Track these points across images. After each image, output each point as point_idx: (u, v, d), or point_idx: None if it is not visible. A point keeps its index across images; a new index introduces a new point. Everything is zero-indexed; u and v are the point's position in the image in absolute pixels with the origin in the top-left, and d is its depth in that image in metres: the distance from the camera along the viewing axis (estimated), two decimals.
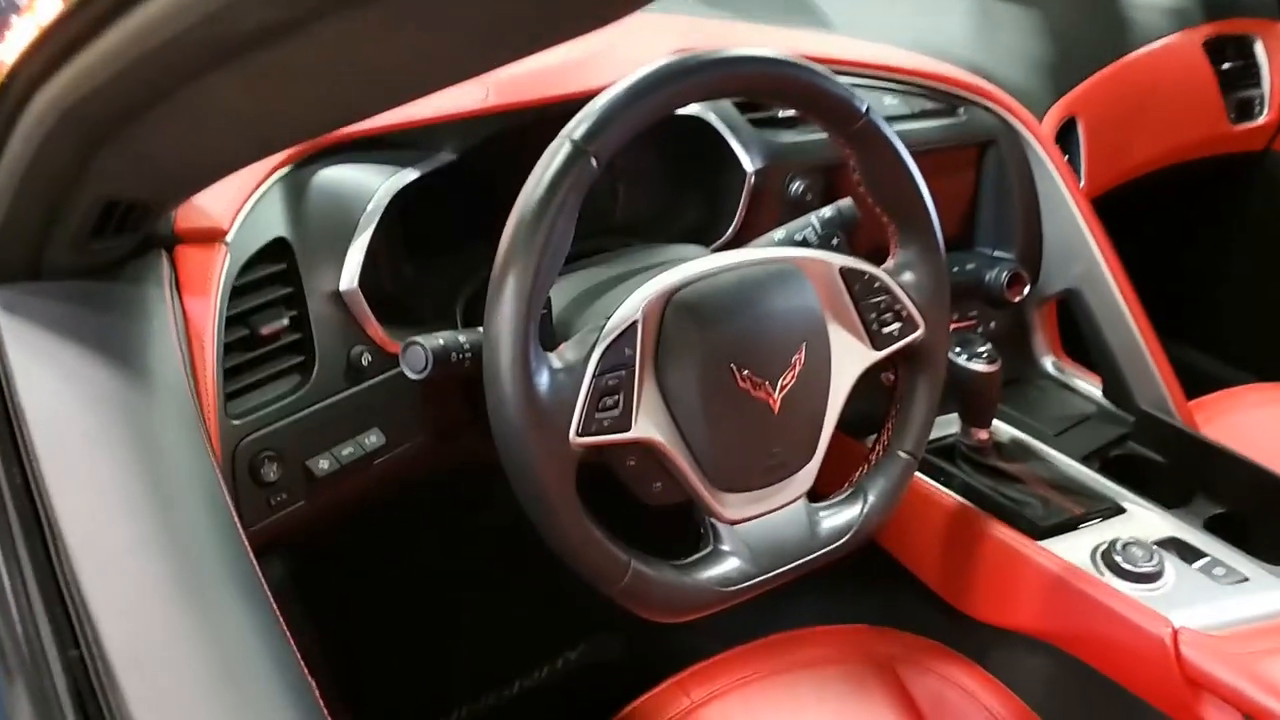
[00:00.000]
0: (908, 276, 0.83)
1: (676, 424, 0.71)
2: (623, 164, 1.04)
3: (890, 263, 0.84)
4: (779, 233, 0.91)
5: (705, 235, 1.02)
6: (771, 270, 0.76)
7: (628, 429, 0.69)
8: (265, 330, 0.76)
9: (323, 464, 0.78)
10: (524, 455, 0.65)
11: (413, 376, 0.72)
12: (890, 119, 1.04)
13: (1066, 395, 1.21)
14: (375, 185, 0.81)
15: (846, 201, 0.92)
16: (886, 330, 0.81)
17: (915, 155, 0.79)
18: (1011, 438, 1.13)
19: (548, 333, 0.72)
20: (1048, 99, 1.28)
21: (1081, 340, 1.22)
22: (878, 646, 0.97)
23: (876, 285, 0.81)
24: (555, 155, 0.65)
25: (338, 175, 0.81)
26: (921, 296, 0.82)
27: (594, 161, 0.66)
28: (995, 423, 1.10)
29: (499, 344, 0.64)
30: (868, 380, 0.82)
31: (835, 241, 0.86)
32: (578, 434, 0.67)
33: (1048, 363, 1.24)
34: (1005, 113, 1.16)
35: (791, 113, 1.06)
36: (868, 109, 0.77)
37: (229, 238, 0.75)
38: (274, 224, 0.78)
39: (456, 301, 0.90)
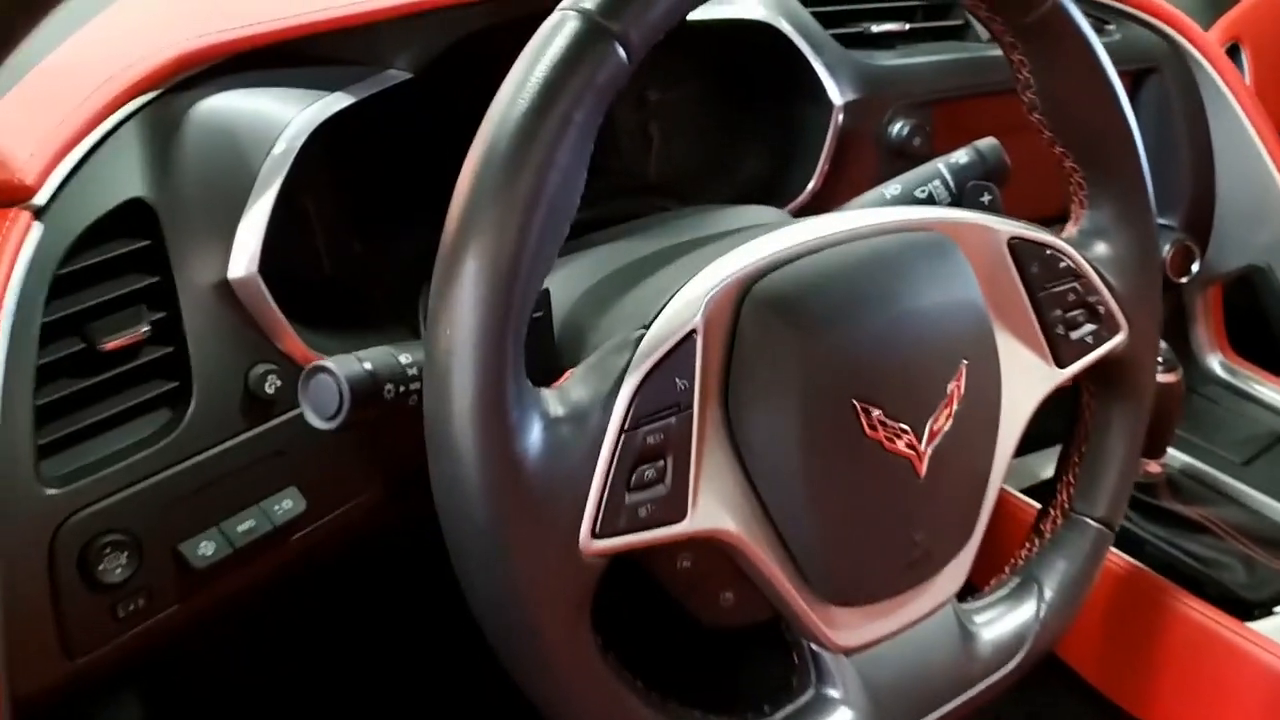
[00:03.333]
0: (1102, 250, 0.54)
1: (761, 503, 0.43)
2: (658, 96, 0.76)
3: (1073, 229, 0.55)
4: (892, 186, 0.62)
5: (772, 195, 0.74)
6: (911, 243, 0.47)
7: (681, 517, 0.41)
8: (110, 344, 0.49)
9: (205, 548, 0.51)
10: (498, 577, 0.37)
11: (319, 424, 0.44)
12: None
13: (1246, 408, 0.91)
14: (285, 117, 0.54)
15: (989, 142, 0.63)
16: (1076, 335, 0.53)
17: None
18: (1185, 468, 0.84)
19: (545, 352, 0.44)
20: (1203, 19, 0.98)
21: (1251, 333, 0.93)
22: None
23: (1063, 266, 0.52)
24: (554, 38, 0.37)
25: (230, 105, 0.54)
26: (1124, 281, 0.54)
27: (622, 51, 0.37)
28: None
29: (450, 377, 0.36)
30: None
31: (986, 199, 0.57)
32: (595, 533, 0.38)
33: (1214, 363, 0.95)
34: (1172, 30, 0.86)
35: (891, 26, 0.77)
36: None
37: (41, 198, 0.48)
38: (126, 179, 0.51)
39: (421, 293, 0.61)
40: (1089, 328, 0.53)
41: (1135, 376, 0.56)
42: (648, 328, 0.41)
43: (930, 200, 0.62)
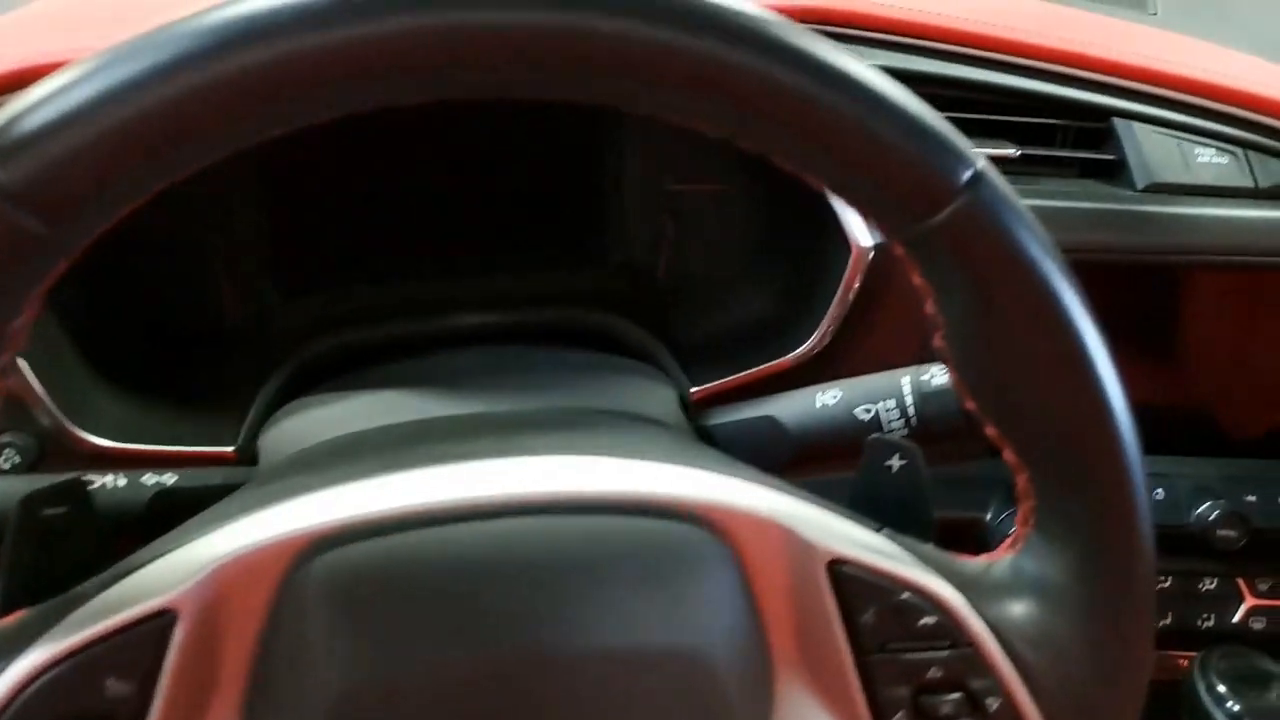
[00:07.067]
0: (1026, 613, 0.33)
1: None
2: (676, 187, 0.61)
3: (1005, 557, 0.34)
4: (831, 391, 0.44)
5: (776, 340, 0.57)
6: (624, 536, 0.31)
7: None
8: None
9: None
10: None
11: None
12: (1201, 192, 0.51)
13: None
14: None
15: None
16: None
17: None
18: None
19: (60, 569, 0.33)
20: None
21: None
22: None
23: (924, 624, 0.32)
24: None
25: None
26: (1063, 681, 0.32)
27: (32, 217, 0.25)
28: None
29: None
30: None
31: (895, 464, 0.37)
32: None
33: None
34: None
35: (1001, 152, 0.56)
36: (974, 175, 0.29)
37: None
38: None
39: (265, 381, 0.53)
40: None
41: None
42: (107, 586, 0.29)
43: (875, 426, 0.43)
